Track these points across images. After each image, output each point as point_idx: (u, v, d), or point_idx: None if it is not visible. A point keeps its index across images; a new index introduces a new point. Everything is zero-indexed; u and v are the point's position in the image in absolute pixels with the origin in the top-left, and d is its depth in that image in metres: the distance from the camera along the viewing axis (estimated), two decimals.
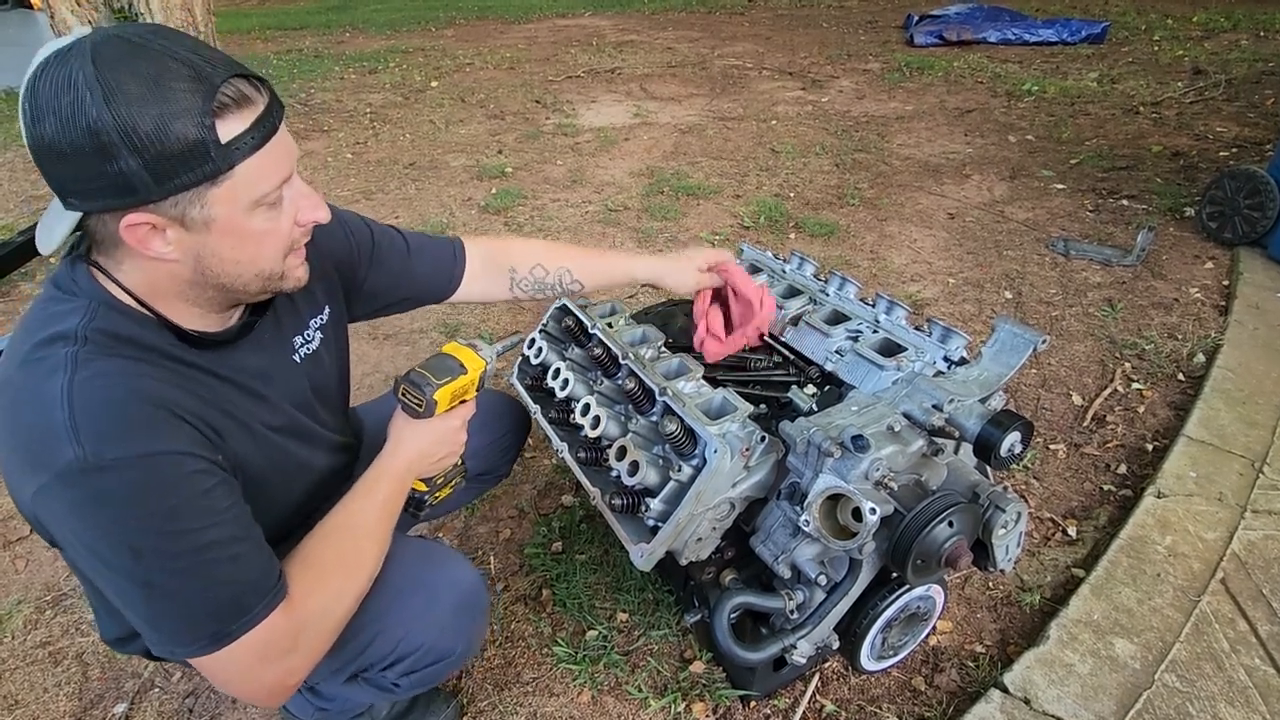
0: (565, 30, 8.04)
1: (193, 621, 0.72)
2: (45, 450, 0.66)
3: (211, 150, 0.65)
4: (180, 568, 0.70)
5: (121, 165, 0.63)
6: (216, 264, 0.73)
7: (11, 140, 4.75)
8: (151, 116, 0.62)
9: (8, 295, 2.90)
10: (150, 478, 0.68)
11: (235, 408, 0.82)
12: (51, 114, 0.62)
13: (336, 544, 0.85)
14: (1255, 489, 1.69)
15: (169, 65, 0.64)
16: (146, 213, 0.67)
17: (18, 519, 1.82)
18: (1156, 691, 1.27)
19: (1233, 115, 4.26)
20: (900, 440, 1.02)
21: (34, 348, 0.70)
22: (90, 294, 0.73)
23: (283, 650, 0.76)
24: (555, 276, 1.26)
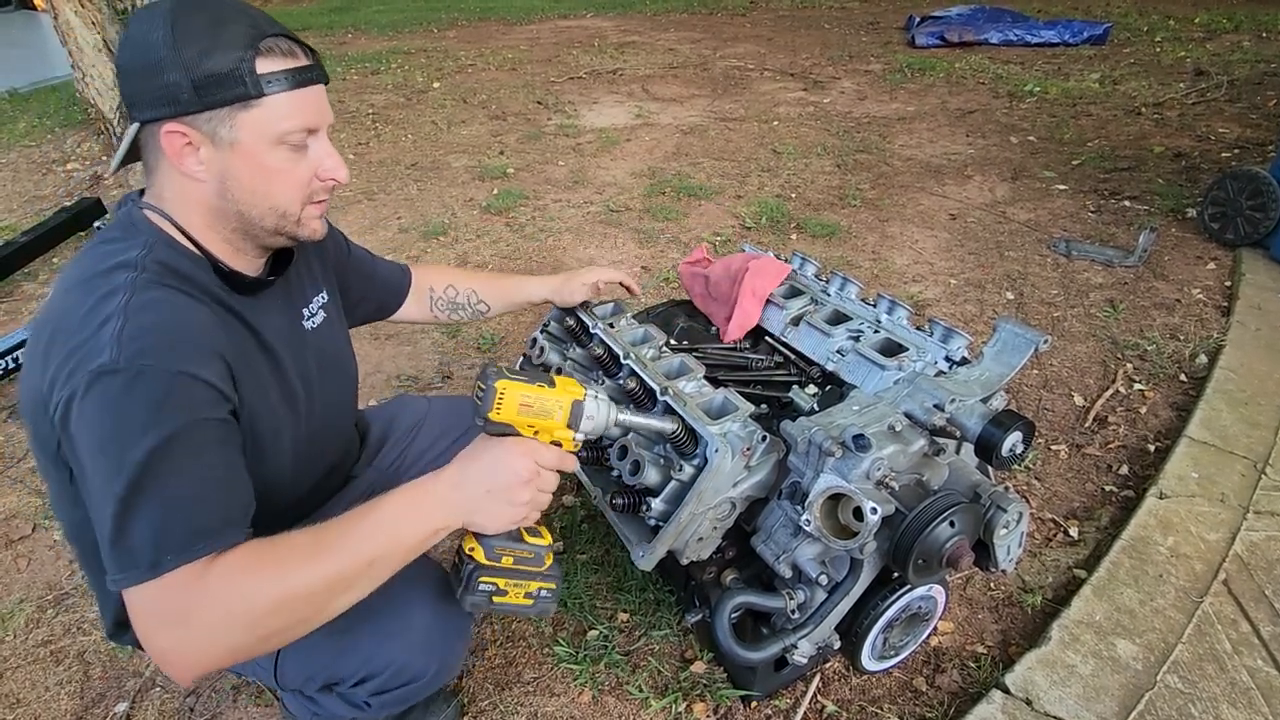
0: (567, 31, 8.04)
1: (142, 545, 0.69)
2: (88, 355, 0.71)
3: (246, 77, 0.77)
4: (160, 487, 0.70)
5: (169, 78, 0.75)
6: (236, 188, 0.82)
7: (15, 141, 4.76)
8: (202, 45, 0.75)
9: (11, 295, 2.91)
10: (173, 393, 0.72)
11: (256, 364, 0.87)
12: (132, 42, 0.77)
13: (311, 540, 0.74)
14: (1257, 490, 1.69)
15: (233, 15, 0.78)
16: (184, 124, 0.77)
17: (20, 518, 1.82)
18: (1158, 692, 1.27)
19: (1235, 116, 4.25)
20: (902, 440, 1.02)
21: (95, 275, 0.77)
22: (148, 232, 0.82)
23: (174, 615, 0.69)
24: (464, 296, 1.36)
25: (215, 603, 0.68)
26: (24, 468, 2.00)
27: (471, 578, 0.82)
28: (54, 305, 0.79)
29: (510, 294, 1.39)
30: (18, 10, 6.41)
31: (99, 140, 4.47)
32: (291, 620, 0.71)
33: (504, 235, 3.25)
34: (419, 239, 3.24)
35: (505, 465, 0.80)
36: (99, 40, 4.21)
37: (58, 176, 4.17)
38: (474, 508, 0.80)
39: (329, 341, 1.06)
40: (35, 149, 4.60)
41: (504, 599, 0.84)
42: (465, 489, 0.80)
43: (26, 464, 2.01)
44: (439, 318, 1.37)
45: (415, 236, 3.27)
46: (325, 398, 1.03)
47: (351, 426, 1.18)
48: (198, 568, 0.69)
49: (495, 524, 0.81)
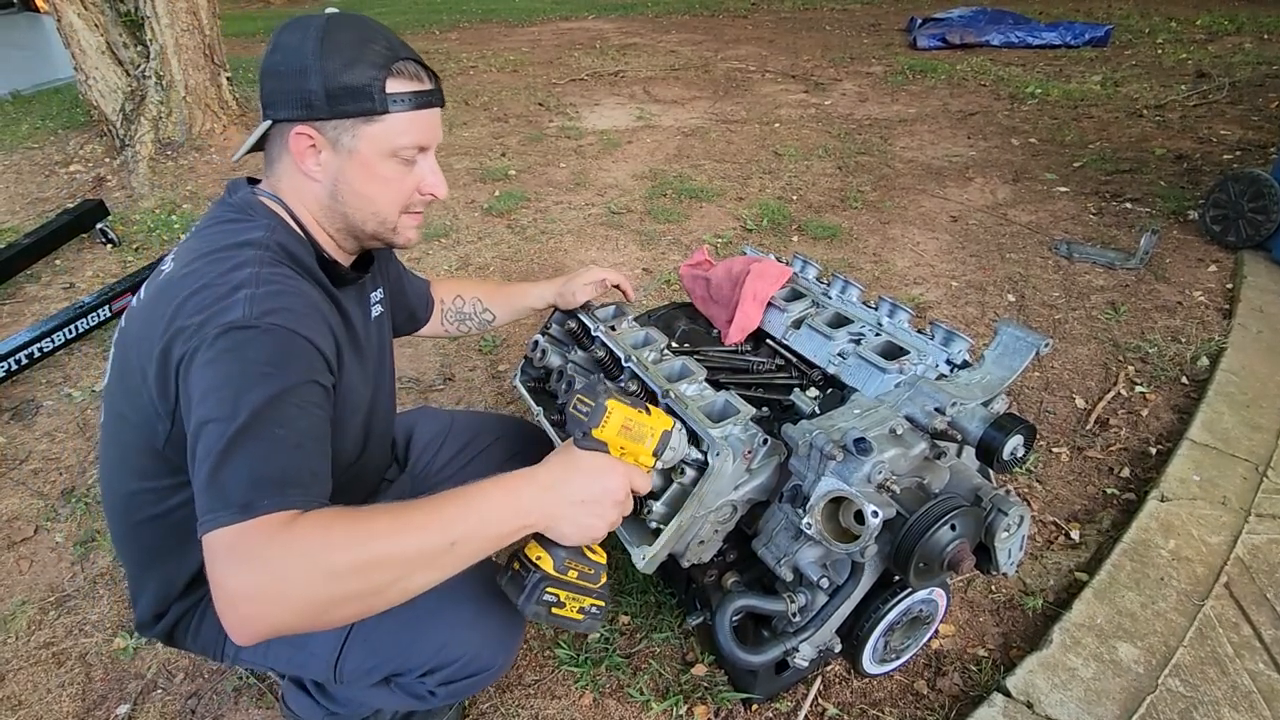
0: (569, 33, 8.06)
1: (240, 486, 0.69)
2: (220, 311, 0.76)
3: (375, 94, 0.85)
4: (266, 434, 0.72)
5: (309, 85, 0.83)
6: (346, 191, 0.90)
7: (18, 143, 4.77)
8: (343, 60, 0.83)
9: (14, 296, 2.92)
10: (289, 350, 0.77)
11: (345, 346, 0.93)
12: (283, 48, 0.85)
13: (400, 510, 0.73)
14: (1259, 493, 1.69)
15: (375, 38, 0.86)
16: (313, 127, 0.86)
17: (22, 520, 1.82)
18: (1160, 696, 1.27)
19: (1236, 118, 4.25)
20: (902, 443, 1.02)
21: (222, 249, 0.84)
22: (268, 216, 0.90)
23: (257, 559, 0.67)
24: (471, 305, 1.40)
25: (299, 552, 0.67)
26: (26, 470, 2.00)
27: (538, 587, 0.82)
28: (180, 274, 0.83)
29: (513, 301, 1.42)
30: (21, 12, 6.43)
31: (101, 142, 4.48)
32: (368, 586, 0.69)
33: (505, 237, 3.26)
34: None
35: (605, 482, 0.81)
36: (101, 43, 4.22)
37: (60, 178, 4.18)
38: (563, 515, 0.80)
39: (380, 335, 1.13)
40: (38, 151, 4.62)
41: (561, 611, 0.85)
42: (561, 494, 0.80)
43: (29, 466, 2.02)
44: (449, 330, 1.40)
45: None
46: (377, 385, 1.09)
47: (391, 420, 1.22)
48: (287, 516, 0.69)
49: (576, 536, 0.81)
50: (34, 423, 2.19)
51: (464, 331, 1.42)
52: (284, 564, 0.67)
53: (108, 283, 2.84)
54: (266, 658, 1.01)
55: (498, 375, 2.33)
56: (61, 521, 1.82)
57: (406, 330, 1.35)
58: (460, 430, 1.36)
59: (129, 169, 4.05)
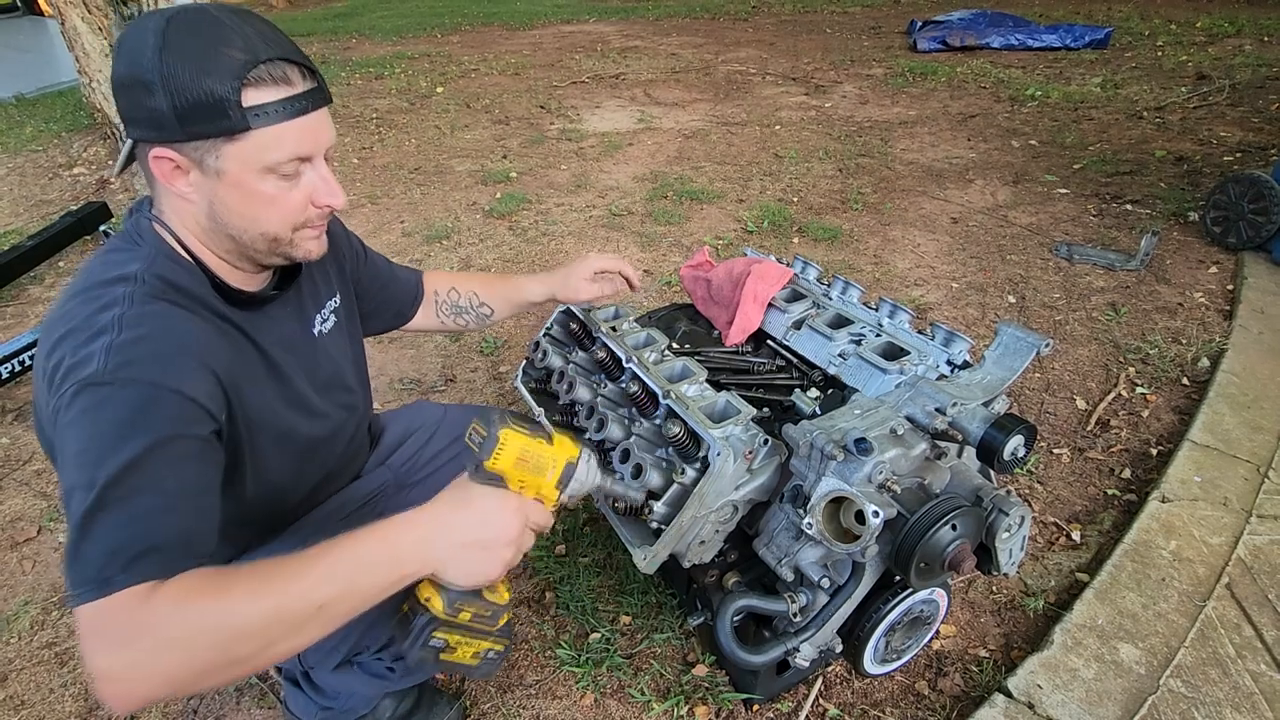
0: (570, 36, 8.08)
1: (97, 559, 0.66)
2: (79, 365, 0.71)
3: (230, 109, 0.74)
4: (123, 503, 0.68)
5: (155, 103, 0.73)
6: (225, 213, 0.82)
7: (22, 145, 4.79)
8: (190, 70, 0.72)
9: (17, 298, 2.93)
10: (153, 407, 0.71)
11: (257, 374, 0.88)
12: (124, 53, 0.75)
13: (263, 574, 0.69)
14: (1260, 494, 1.69)
15: (228, 37, 0.74)
16: (172, 149, 0.76)
17: (24, 520, 1.83)
18: (1161, 697, 1.26)
19: (1236, 120, 4.25)
20: (903, 443, 1.02)
21: (96, 285, 0.78)
22: (153, 244, 0.83)
23: (117, 637, 0.64)
24: (466, 299, 1.35)
25: (157, 628, 0.65)
26: (29, 470, 2.01)
27: (424, 632, 0.76)
28: (58, 312, 0.79)
29: (511, 295, 1.38)
30: (25, 15, 6.45)
31: (105, 145, 4.50)
32: (230, 656, 0.66)
33: (507, 239, 3.26)
34: (422, 243, 3.26)
35: (496, 521, 0.76)
36: (105, 46, 4.23)
37: (64, 181, 4.20)
38: (449, 558, 0.74)
39: (338, 345, 1.08)
40: (42, 153, 4.63)
41: (451, 656, 0.79)
42: (447, 537, 0.74)
43: (31, 467, 2.02)
44: (444, 324, 1.36)
45: (418, 240, 3.28)
46: (335, 400, 1.05)
47: (362, 428, 1.19)
48: (144, 590, 0.66)
49: (468, 579, 0.76)
50: None
51: (460, 326, 1.38)
52: (143, 642, 0.64)
53: None
54: None
55: (499, 376, 2.34)
56: (64, 522, 1.82)
57: (394, 326, 1.31)
58: (453, 424, 1.34)
59: (132, 172, 4.06)
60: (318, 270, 1.05)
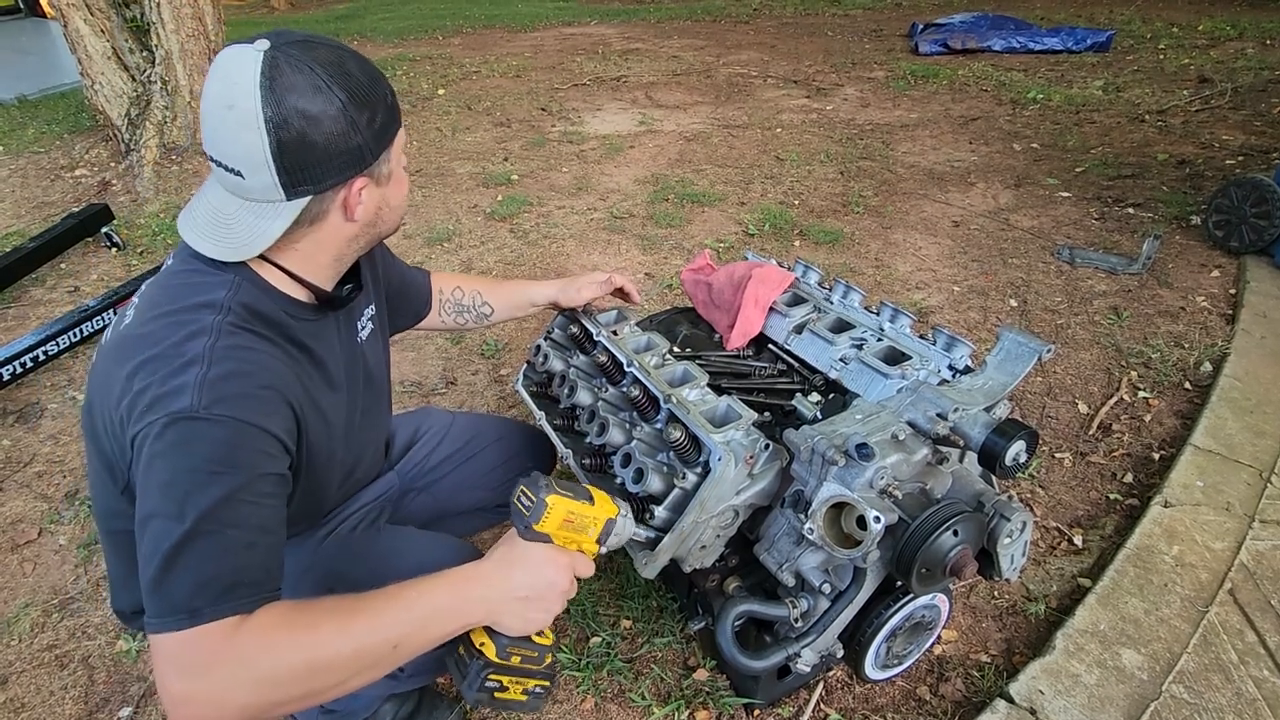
0: (571, 39, 8.09)
1: (185, 591, 0.69)
2: (170, 396, 0.73)
3: (396, 110, 0.83)
4: (214, 536, 0.71)
5: (358, 142, 0.78)
6: (387, 211, 0.88)
7: (24, 147, 4.80)
8: (362, 86, 0.78)
9: (19, 300, 2.93)
10: (239, 442, 0.74)
11: (319, 394, 0.90)
12: (307, 116, 0.74)
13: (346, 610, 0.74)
14: (1263, 499, 1.68)
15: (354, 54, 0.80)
16: (365, 175, 0.81)
17: (26, 522, 1.83)
18: (1164, 703, 1.26)
19: (1239, 123, 4.25)
20: (905, 448, 1.02)
21: (181, 309, 0.79)
22: (236, 269, 0.83)
23: (199, 666, 0.68)
24: (470, 298, 1.38)
25: (242, 659, 0.68)
26: (30, 472, 2.01)
27: (480, 675, 0.82)
28: (137, 330, 0.79)
29: (514, 297, 1.40)
30: (27, 17, 6.47)
31: (107, 147, 4.51)
32: (308, 690, 0.71)
33: (508, 241, 3.27)
34: (424, 245, 3.26)
35: (549, 577, 0.82)
36: (107, 48, 4.25)
37: (65, 183, 4.20)
38: (506, 609, 0.81)
39: (374, 353, 1.10)
40: (44, 155, 4.64)
41: (505, 695, 0.85)
42: (504, 590, 0.81)
43: (33, 469, 2.02)
44: (446, 323, 1.38)
45: (420, 242, 3.29)
46: (366, 406, 1.06)
47: (385, 434, 1.21)
48: (233, 622, 0.69)
49: (520, 628, 0.82)
50: (38, 426, 2.20)
51: (461, 324, 1.39)
52: (226, 671, 0.68)
53: (112, 287, 2.85)
54: None
55: (500, 379, 2.34)
56: (65, 524, 1.82)
57: (410, 325, 1.34)
58: (460, 431, 1.36)
59: (134, 173, 4.07)
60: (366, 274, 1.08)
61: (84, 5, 4.13)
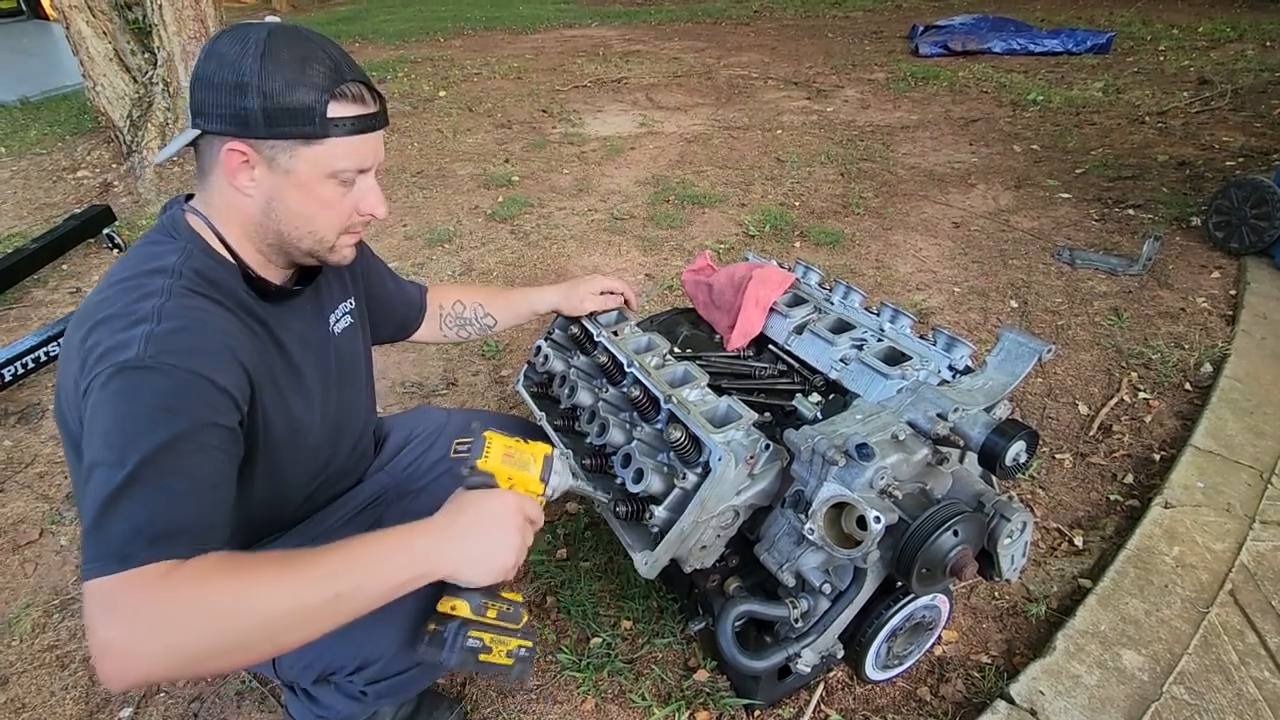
0: (572, 41, 8.10)
1: (120, 536, 0.68)
2: (117, 349, 0.74)
3: (316, 118, 0.82)
4: (153, 483, 0.70)
5: (247, 103, 0.80)
6: (281, 210, 0.87)
7: (26, 148, 4.81)
8: (284, 80, 0.80)
9: (20, 301, 2.93)
10: (184, 391, 0.75)
11: (277, 370, 0.91)
12: (219, 57, 0.81)
13: (282, 560, 0.72)
14: (1264, 499, 1.68)
15: (318, 55, 0.83)
16: (247, 145, 0.82)
17: (27, 523, 1.83)
18: (1164, 704, 1.26)
19: (1239, 125, 4.25)
20: (905, 449, 1.02)
21: (135, 275, 0.82)
22: (188, 237, 0.87)
23: (128, 609, 0.65)
24: (472, 311, 1.39)
25: (171, 602, 0.66)
26: (31, 473, 2.01)
27: (459, 634, 0.81)
28: (95, 300, 0.82)
29: (516, 305, 1.41)
30: (30, 19, 6.48)
31: (108, 148, 4.52)
32: (239, 641, 0.68)
33: (509, 243, 3.27)
34: (424, 246, 3.26)
35: (498, 515, 0.83)
36: (109, 50, 4.26)
37: (68, 184, 4.21)
38: (463, 554, 0.80)
39: (350, 347, 1.10)
40: (46, 156, 4.65)
41: (489, 656, 0.84)
42: (457, 540, 0.80)
43: (34, 469, 2.02)
44: (448, 336, 1.39)
45: (420, 244, 3.29)
46: (342, 399, 1.07)
47: (366, 432, 1.20)
48: (166, 567, 0.67)
49: (485, 574, 0.82)
50: (40, 426, 2.20)
51: (464, 337, 1.41)
52: (155, 615, 0.66)
53: None
54: None
55: (500, 380, 2.34)
56: (66, 525, 1.82)
57: (397, 338, 1.34)
58: (456, 429, 1.35)
59: (135, 175, 4.08)
60: (334, 272, 1.09)
61: (86, 7, 4.14)
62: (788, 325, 1.42)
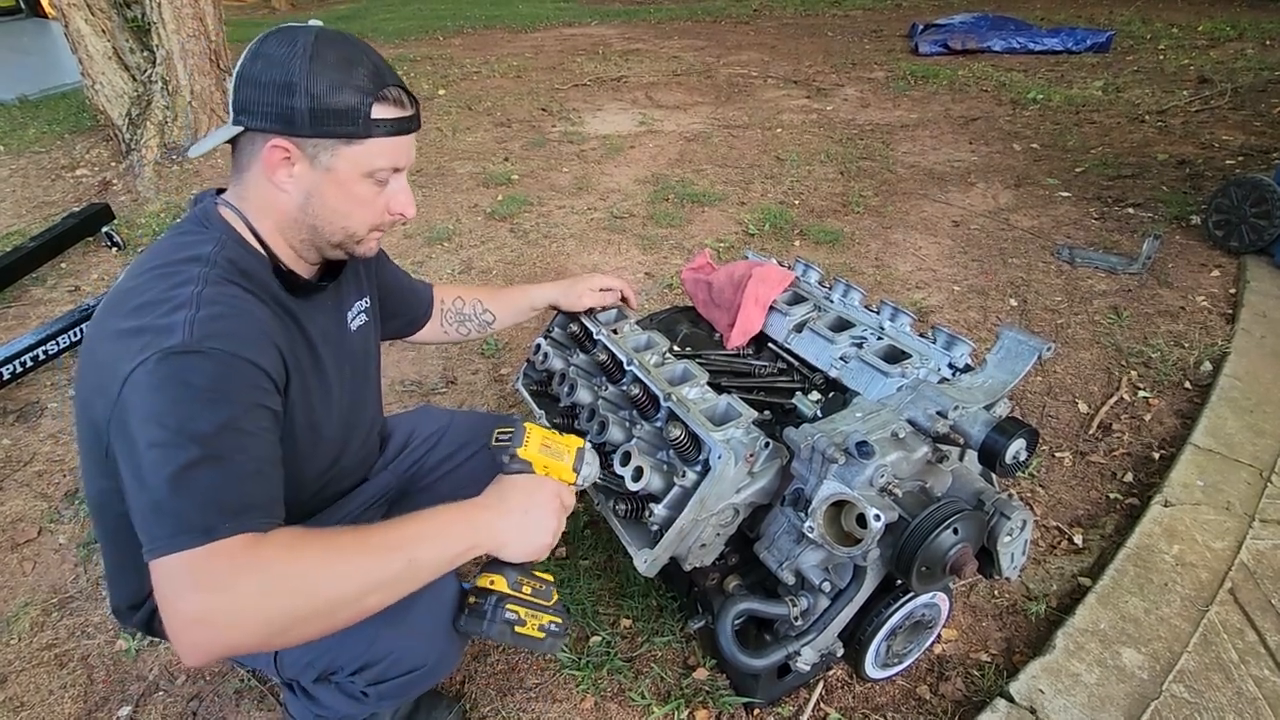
0: (572, 39, 8.09)
1: (197, 510, 0.70)
2: (160, 335, 0.75)
3: (360, 119, 0.85)
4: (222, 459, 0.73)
5: (295, 102, 0.82)
6: (319, 206, 0.89)
7: (25, 147, 4.80)
8: (330, 81, 0.83)
9: (19, 299, 2.93)
10: (232, 374, 0.77)
11: (303, 361, 0.93)
12: (266, 57, 0.83)
13: (358, 531, 0.77)
14: (1263, 498, 1.68)
15: (361, 59, 0.86)
16: (291, 142, 0.84)
17: (26, 521, 1.83)
18: (1164, 702, 1.26)
19: (1238, 124, 4.25)
20: (905, 447, 1.02)
21: (170, 263, 0.84)
22: (221, 228, 0.89)
23: (216, 581, 0.68)
24: (471, 307, 1.40)
25: (263, 572, 0.69)
26: (30, 471, 2.01)
27: (499, 607, 0.88)
28: (127, 287, 0.83)
29: (515, 302, 1.42)
30: (28, 18, 6.47)
31: (107, 146, 4.51)
32: (327, 605, 0.72)
33: (508, 241, 3.27)
34: (424, 244, 3.26)
35: (540, 498, 0.91)
36: (108, 48, 4.25)
37: (66, 182, 4.21)
38: (508, 530, 0.88)
39: (363, 345, 1.12)
40: (44, 155, 4.65)
41: (523, 629, 0.90)
42: (504, 512, 0.88)
43: (33, 468, 2.02)
44: (449, 334, 1.40)
45: (420, 242, 3.29)
46: (354, 396, 1.08)
47: (374, 430, 1.22)
48: (249, 539, 0.70)
49: (524, 551, 0.89)
50: (38, 425, 2.20)
51: (463, 335, 1.41)
52: (247, 585, 0.68)
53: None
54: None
55: (500, 379, 2.34)
56: (65, 523, 1.82)
57: (404, 334, 1.35)
58: (459, 430, 1.36)
59: (134, 173, 4.07)
60: (351, 270, 1.11)
61: (85, 5, 4.13)
62: (787, 323, 1.41)
